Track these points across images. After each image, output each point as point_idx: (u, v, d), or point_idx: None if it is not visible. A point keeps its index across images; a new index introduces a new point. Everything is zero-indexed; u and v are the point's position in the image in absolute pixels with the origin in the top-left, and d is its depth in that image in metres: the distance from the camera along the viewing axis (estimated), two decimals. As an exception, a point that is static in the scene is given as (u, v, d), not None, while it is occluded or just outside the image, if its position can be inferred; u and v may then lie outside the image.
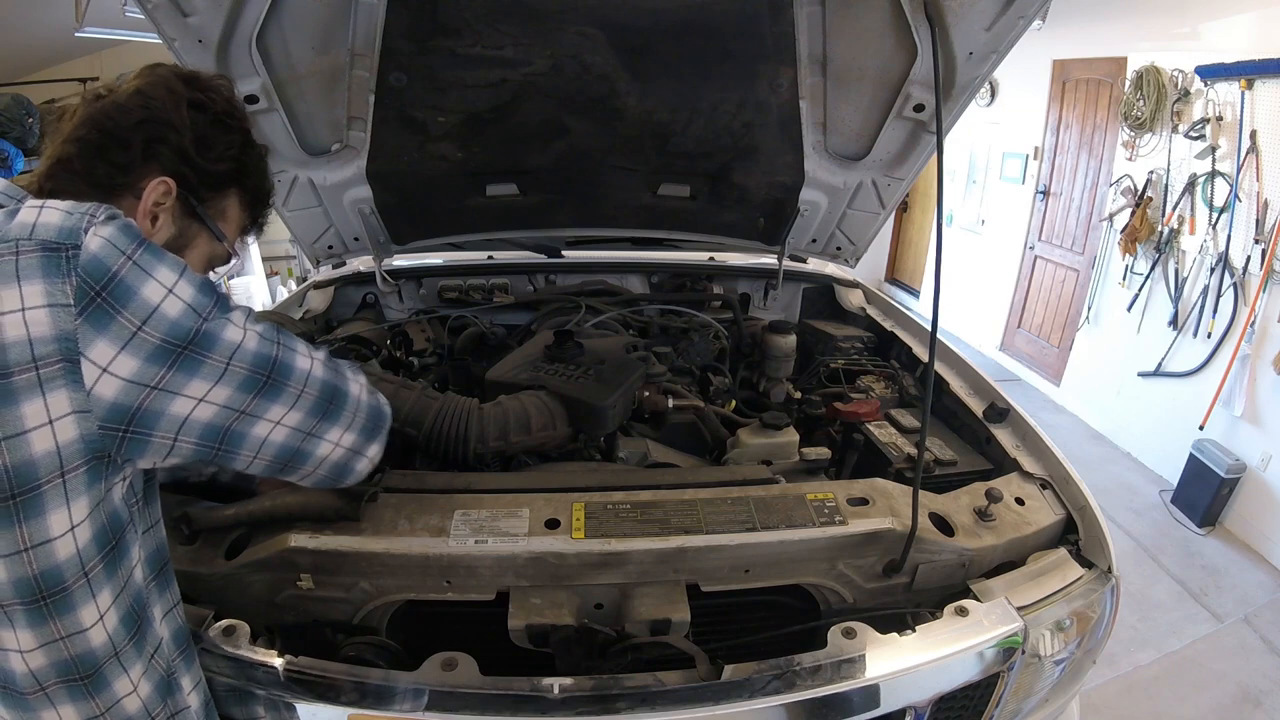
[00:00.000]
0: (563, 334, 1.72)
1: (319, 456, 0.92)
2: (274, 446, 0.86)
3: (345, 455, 0.96)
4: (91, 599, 0.76)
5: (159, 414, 0.74)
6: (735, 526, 1.19)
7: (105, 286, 0.69)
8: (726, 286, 2.60)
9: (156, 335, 0.72)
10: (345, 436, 0.94)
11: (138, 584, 0.83)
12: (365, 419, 0.97)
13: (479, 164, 2.00)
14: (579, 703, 1.01)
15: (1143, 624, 3.10)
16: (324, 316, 2.30)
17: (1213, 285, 3.85)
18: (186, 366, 0.74)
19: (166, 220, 0.87)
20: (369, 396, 0.99)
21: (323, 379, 0.90)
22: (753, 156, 1.98)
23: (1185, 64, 3.97)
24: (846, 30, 1.65)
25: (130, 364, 0.71)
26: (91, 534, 0.75)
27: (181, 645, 0.92)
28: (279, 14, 1.49)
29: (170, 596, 0.91)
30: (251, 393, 0.81)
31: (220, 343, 0.77)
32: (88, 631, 0.76)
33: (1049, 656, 1.26)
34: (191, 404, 0.76)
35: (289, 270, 6.86)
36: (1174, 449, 4.07)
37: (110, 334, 0.70)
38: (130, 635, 0.81)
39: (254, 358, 0.80)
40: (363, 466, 1.01)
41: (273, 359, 0.83)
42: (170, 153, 0.86)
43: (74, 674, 0.77)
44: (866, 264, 2.77)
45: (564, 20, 1.60)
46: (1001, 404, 1.71)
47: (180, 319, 0.74)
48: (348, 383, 0.95)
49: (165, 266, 0.74)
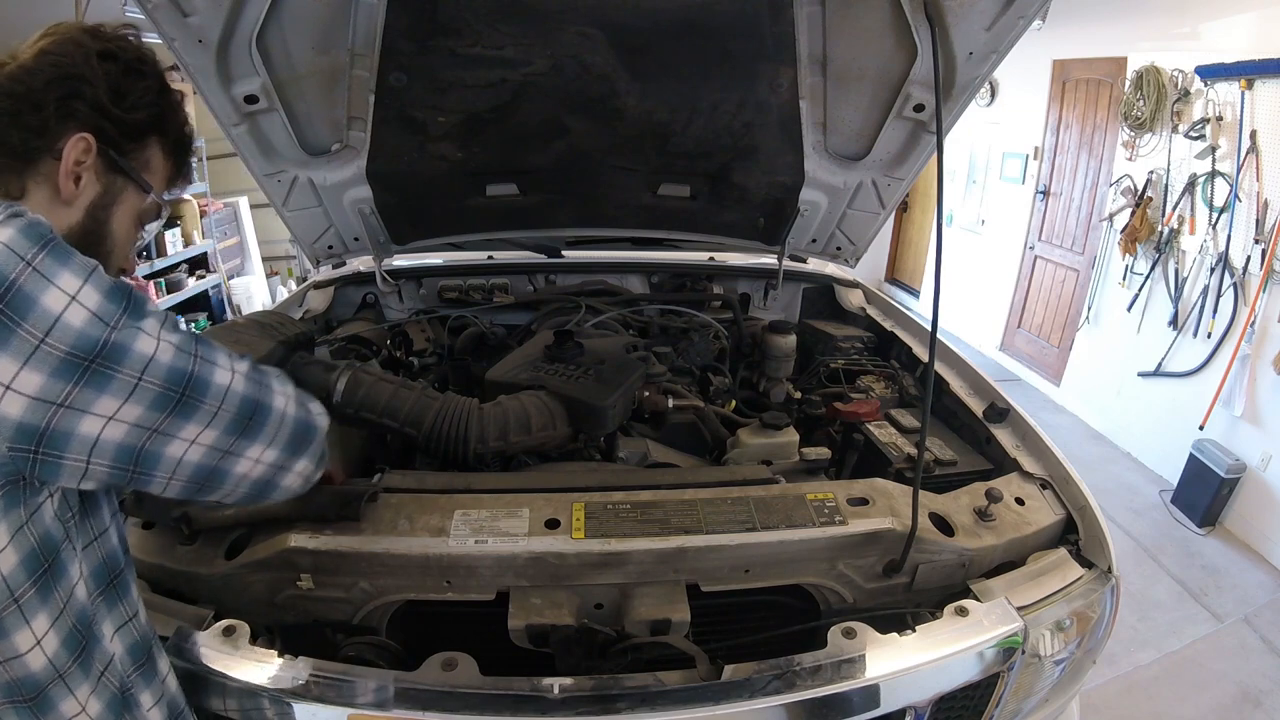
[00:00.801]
0: (563, 334, 1.72)
1: (238, 474, 0.85)
2: (189, 467, 0.80)
3: (268, 472, 0.89)
4: (25, 625, 0.73)
5: (68, 434, 0.69)
6: (735, 526, 1.19)
7: (3, 297, 0.65)
8: (726, 286, 2.60)
9: (61, 348, 0.67)
10: (267, 453, 0.88)
11: (80, 602, 0.79)
12: (290, 433, 0.90)
13: (479, 164, 2.00)
14: (579, 703, 1.01)
15: (1143, 624, 3.10)
16: (324, 316, 2.30)
17: (1213, 285, 3.85)
18: (94, 382, 0.69)
19: (90, 179, 0.83)
20: (296, 409, 0.92)
21: (243, 394, 0.83)
22: (753, 156, 1.98)
23: (1185, 64, 3.97)
24: (846, 30, 1.65)
25: (34, 380, 0.66)
26: (18, 559, 0.71)
27: (139, 660, 0.88)
28: (279, 14, 1.49)
29: (124, 609, 0.86)
30: (164, 411, 0.75)
31: (130, 355, 0.71)
32: (24, 657, 0.73)
33: (1049, 656, 1.26)
34: (101, 423, 0.70)
35: (289, 270, 6.86)
36: (1174, 449, 4.07)
37: (11, 348, 0.65)
38: (74, 656, 0.78)
39: (168, 372, 0.74)
40: (290, 482, 0.93)
41: (188, 374, 0.76)
42: (86, 107, 0.81)
43: (19, 695, 0.74)
44: (866, 264, 2.77)
45: (564, 20, 1.59)
46: (1001, 404, 1.71)
47: (86, 329, 0.68)
48: (271, 395, 0.88)
49: (69, 271, 0.68)
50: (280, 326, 1.40)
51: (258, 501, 0.94)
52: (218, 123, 1.68)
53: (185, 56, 1.48)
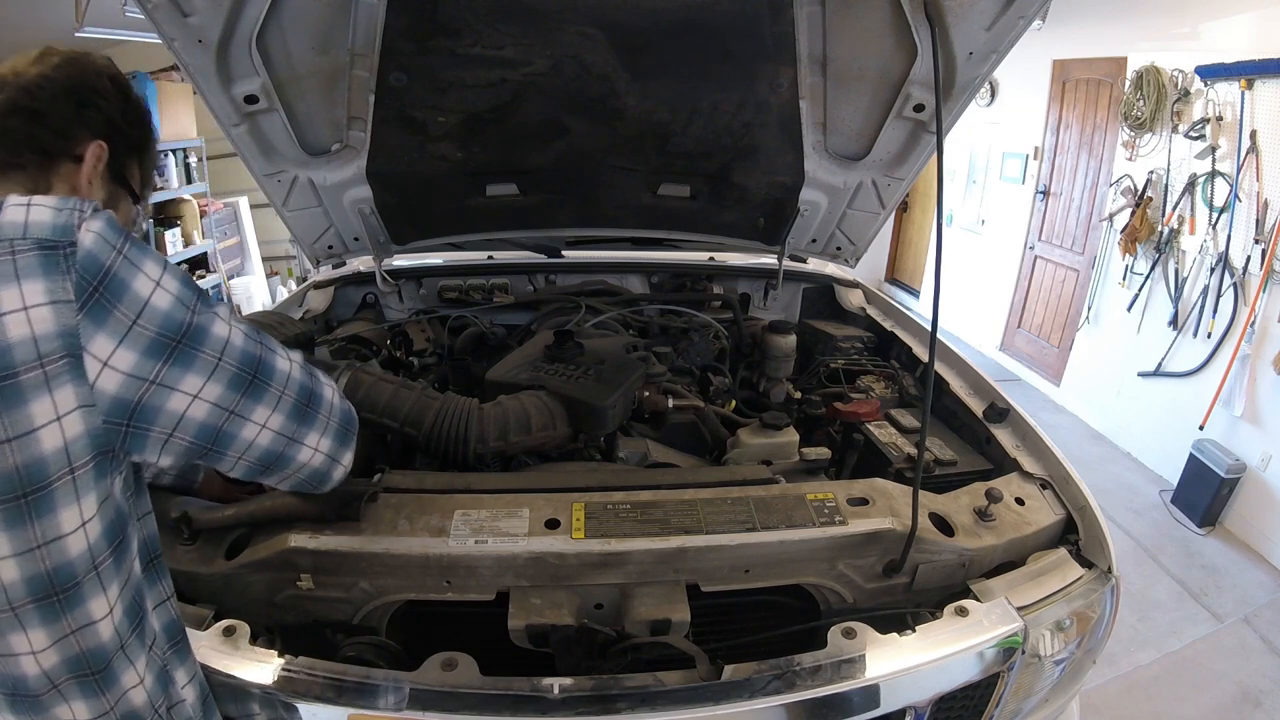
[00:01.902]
0: (563, 334, 1.72)
1: (300, 461, 0.93)
2: (259, 450, 0.87)
3: (324, 462, 0.97)
4: (102, 592, 0.77)
5: (158, 409, 0.75)
6: (735, 526, 1.19)
7: (101, 281, 0.70)
8: (726, 286, 2.60)
9: (152, 328, 0.73)
10: (323, 441, 0.95)
11: (138, 576, 0.84)
12: (339, 423, 0.98)
13: (479, 164, 2.00)
14: (579, 703, 1.01)
15: (1143, 624, 3.10)
16: (324, 316, 2.30)
17: (1213, 285, 3.85)
18: (181, 360, 0.75)
19: (98, 184, 0.90)
20: (340, 401, 0.99)
21: (300, 381, 0.91)
22: (753, 156, 1.98)
23: (1185, 64, 3.97)
24: (846, 30, 1.65)
25: (129, 357, 0.72)
26: (102, 529, 0.76)
27: (174, 638, 0.92)
28: (279, 14, 1.49)
29: (162, 589, 0.91)
30: (239, 391, 0.82)
31: (210, 337, 0.78)
32: (98, 624, 0.77)
33: (1049, 656, 1.26)
34: (187, 400, 0.77)
35: (289, 270, 6.86)
36: (1174, 449, 4.07)
37: (109, 328, 0.71)
38: (133, 627, 0.82)
39: (241, 355, 0.82)
40: (339, 474, 1.01)
41: (257, 358, 0.84)
42: (100, 118, 0.88)
43: (85, 669, 0.78)
44: (866, 264, 2.77)
45: (564, 20, 1.59)
46: (1001, 404, 1.71)
47: (172, 311, 0.75)
48: (322, 386, 0.96)
49: (150, 260, 0.76)
50: (280, 326, 1.41)
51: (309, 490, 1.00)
52: (218, 123, 1.67)
53: (185, 56, 1.48)
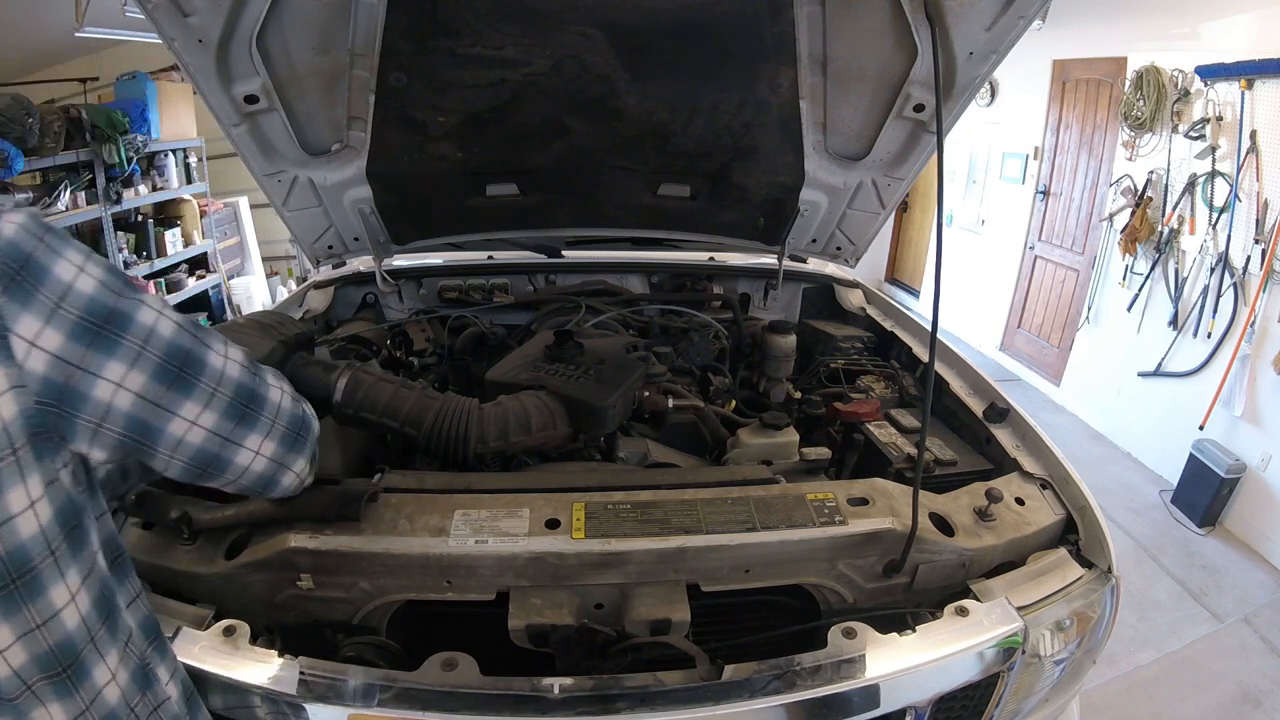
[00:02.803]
0: (563, 334, 1.72)
1: (239, 465, 0.90)
2: (191, 448, 0.85)
3: (269, 467, 0.94)
4: (60, 578, 0.76)
5: (84, 396, 0.75)
6: (735, 526, 1.19)
7: (23, 266, 0.71)
8: (726, 286, 2.60)
9: (75, 311, 0.73)
10: (265, 445, 0.92)
11: (103, 570, 0.83)
12: (286, 427, 0.95)
13: (479, 164, 2.00)
14: (579, 703, 1.00)
15: (1143, 624, 3.10)
16: (324, 316, 2.30)
17: (1213, 285, 3.85)
18: (105, 346, 0.75)
19: None
20: (291, 404, 0.96)
21: (238, 380, 0.88)
22: (753, 156, 1.98)
23: (1185, 64, 3.97)
24: (846, 30, 1.65)
25: (55, 339, 0.72)
26: (52, 511, 0.75)
27: (151, 635, 0.91)
28: (279, 14, 1.49)
29: (130, 587, 0.90)
30: (164, 384, 0.80)
31: (134, 324, 0.77)
32: (61, 614, 0.77)
33: (1049, 656, 1.26)
34: (111, 389, 0.76)
35: (289, 270, 6.87)
36: (1174, 449, 4.07)
37: (33, 309, 0.71)
38: (102, 619, 0.81)
39: (168, 346, 0.80)
40: (289, 481, 0.99)
41: (185, 350, 0.82)
42: None
43: (55, 667, 0.77)
44: (866, 264, 2.77)
45: (564, 20, 1.59)
46: (1001, 404, 1.71)
47: (96, 296, 0.74)
48: (266, 387, 0.93)
49: (73, 248, 0.76)
50: (280, 326, 1.40)
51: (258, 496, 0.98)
52: (218, 123, 1.67)
53: (185, 56, 1.48)
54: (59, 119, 4.21)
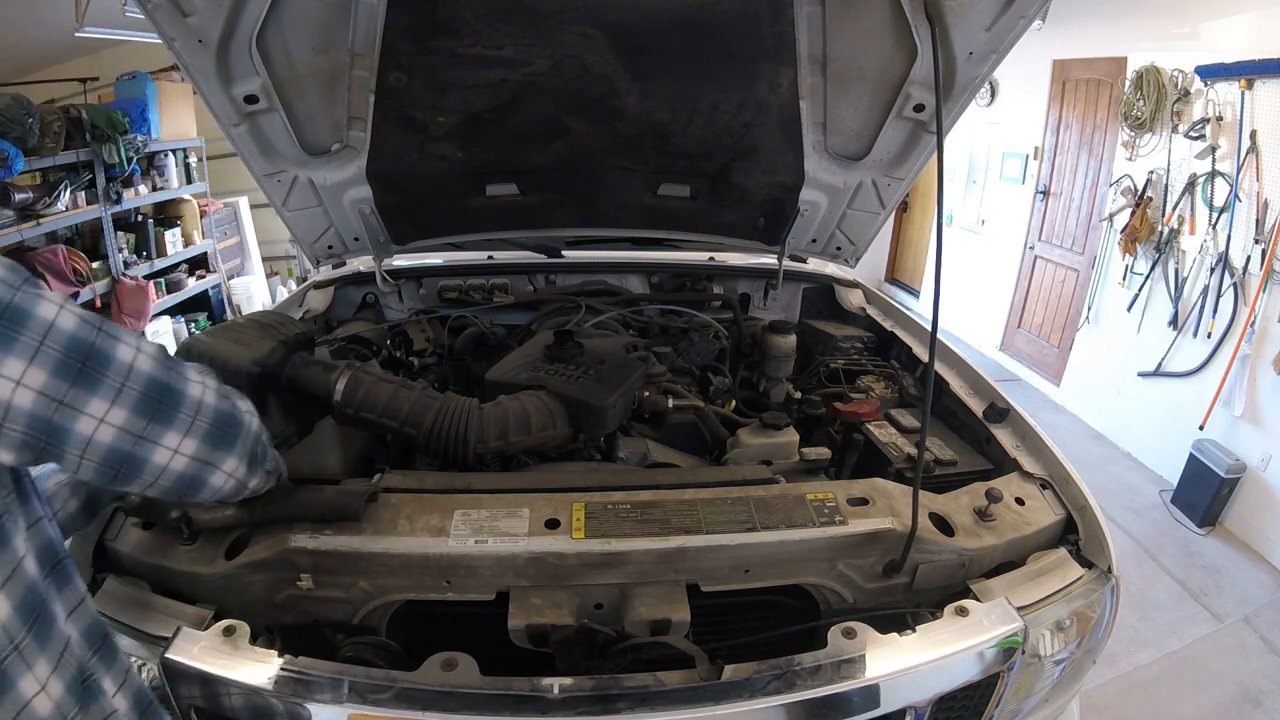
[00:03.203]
0: (563, 334, 1.72)
1: (157, 464, 0.84)
2: (101, 447, 0.79)
3: (191, 466, 0.87)
4: None
5: None
6: (735, 526, 1.19)
7: None
8: (726, 286, 2.60)
9: None
10: (186, 443, 0.85)
11: (30, 576, 0.80)
12: (210, 424, 0.88)
13: (479, 164, 2.00)
14: (579, 703, 1.00)
15: (1143, 624, 3.10)
16: (324, 316, 2.30)
17: (1213, 285, 3.85)
18: (1, 343, 0.71)
19: None
20: (217, 400, 0.90)
21: (149, 374, 0.82)
22: (753, 156, 1.99)
23: (1185, 64, 3.97)
24: (846, 30, 1.65)
25: None
26: None
27: (95, 644, 0.88)
28: (279, 14, 1.49)
29: (72, 594, 0.88)
30: (67, 380, 0.75)
31: (33, 318, 0.73)
32: None
33: (1049, 656, 1.26)
34: (10, 386, 0.72)
35: (289, 270, 6.87)
36: (1174, 449, 4.07)
37: None
38: (27, 626, 0.79)
39: (69, 339, 0.75)
40: (220, 481, 0.91)
41: (89, 344, 0.77)
42: None
43: None
44: (866, 264, 2.77)
45: (564, 20, 1.59)
46: (1001, 404, 1.71)
47: None
48: (185, 383, 0.86)
49: None
50: (280, 326, 1.40)
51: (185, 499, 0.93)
52: (218, 123, 1.68)
53: (185, 56, 1.48)
54: (59, 119, 4.21)
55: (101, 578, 1.17)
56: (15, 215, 4.01)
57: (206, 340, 1.27)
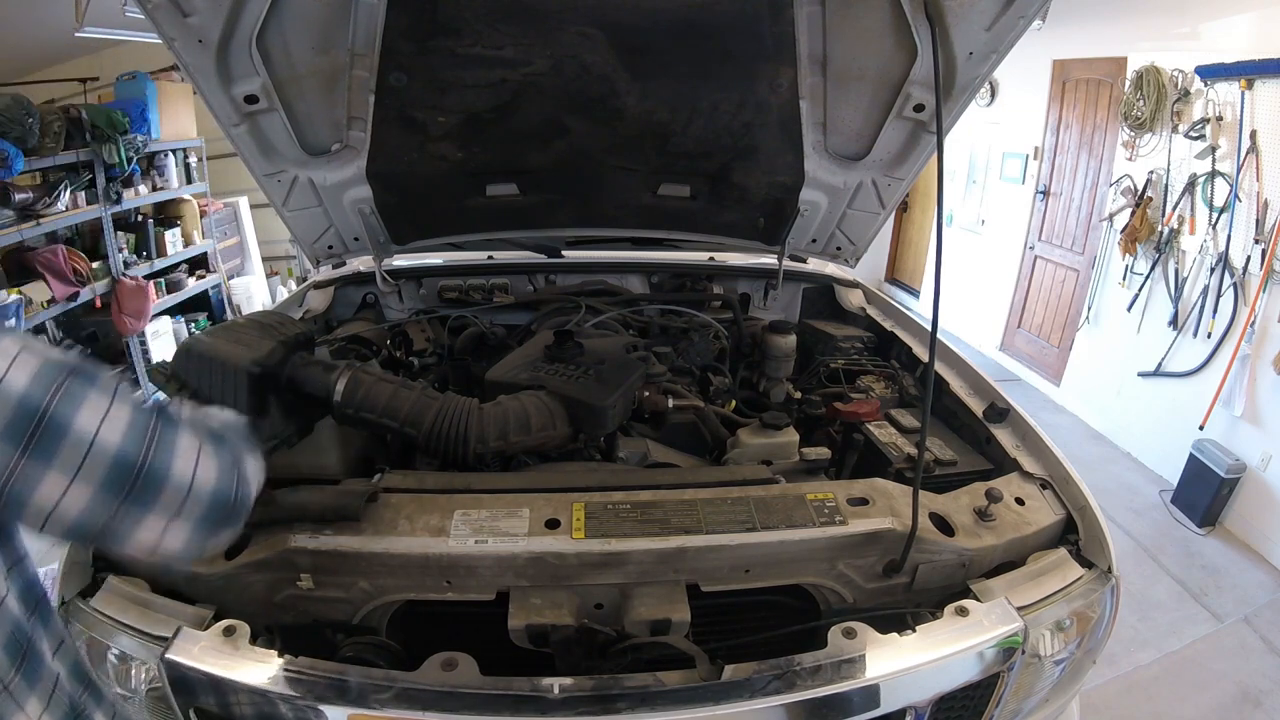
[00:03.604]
0: (563, 334, 1.72)
1: (146, 543, 0.73)
2: (68, 520, 0.69)
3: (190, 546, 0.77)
4: None
5: None
6: (735, 526, 1.19)
7: None
8: (726, 286, 2.60)
9: None
10: (176, 526, 0.73)
11: (14, 614, 0.78)
12: (207, 509, 0.75)
13: (479, 164, 2.00)
14: (579, 703, 1.01)
15: (1143, 624, 3.10)
16: (324, 316, 2.30)
17: (1213, 285, 3.85)
18: None
19: None
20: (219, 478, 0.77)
21: (117, 450, 0.68)
22: (753, 156, 1.99)
23: (1185, 64, 3.97)
24: (846, 30, 1.65)
25: None
26: None
27: (84, 681, 0.88)
28: (279, 14, 1.49)
29: (55, 632, 0.86)
30: (15, 447, 0.64)
31: None
32: None
33: (1049, 656, 1.26)
34: None
35: (289, 270, 6.87)
36: (1174, 449, 4.07)
37: None
38: (15, 666, 0.77)
39: (18, 401, 0.64)
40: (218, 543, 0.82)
41: (40, 409, 0.65)
42: None
43: None
44: (866, 264, 2.77)
45: (564, 20, 1.59)
46: (1001, 404, 1.71)
47: None
48: (171, 456, 0.72)
49: None
50: (280, 326, 1.40)
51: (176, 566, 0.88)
52: (218, 123, 1.68)
53: (185, 56, 1.48)
54: (59, 119, 4.21)
55: (102, 578, 1.17)
56: (15, 215, 4.01)
57: (206, 340, 1.27)
